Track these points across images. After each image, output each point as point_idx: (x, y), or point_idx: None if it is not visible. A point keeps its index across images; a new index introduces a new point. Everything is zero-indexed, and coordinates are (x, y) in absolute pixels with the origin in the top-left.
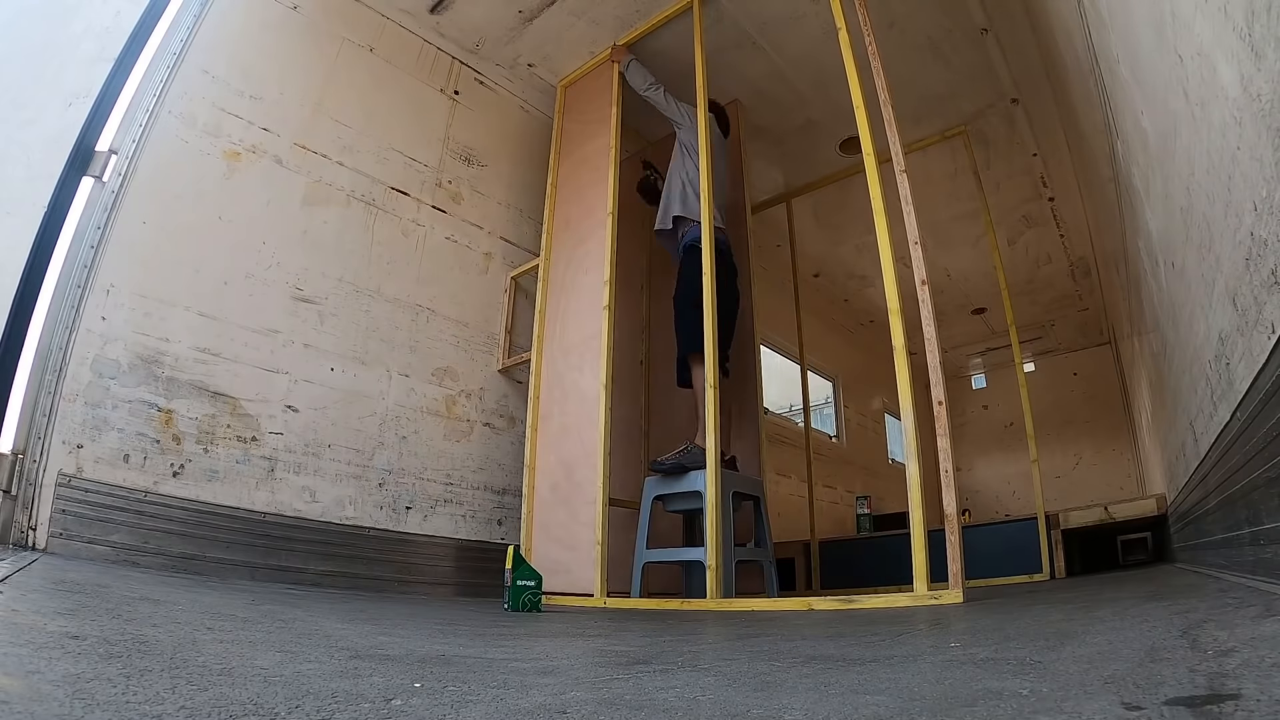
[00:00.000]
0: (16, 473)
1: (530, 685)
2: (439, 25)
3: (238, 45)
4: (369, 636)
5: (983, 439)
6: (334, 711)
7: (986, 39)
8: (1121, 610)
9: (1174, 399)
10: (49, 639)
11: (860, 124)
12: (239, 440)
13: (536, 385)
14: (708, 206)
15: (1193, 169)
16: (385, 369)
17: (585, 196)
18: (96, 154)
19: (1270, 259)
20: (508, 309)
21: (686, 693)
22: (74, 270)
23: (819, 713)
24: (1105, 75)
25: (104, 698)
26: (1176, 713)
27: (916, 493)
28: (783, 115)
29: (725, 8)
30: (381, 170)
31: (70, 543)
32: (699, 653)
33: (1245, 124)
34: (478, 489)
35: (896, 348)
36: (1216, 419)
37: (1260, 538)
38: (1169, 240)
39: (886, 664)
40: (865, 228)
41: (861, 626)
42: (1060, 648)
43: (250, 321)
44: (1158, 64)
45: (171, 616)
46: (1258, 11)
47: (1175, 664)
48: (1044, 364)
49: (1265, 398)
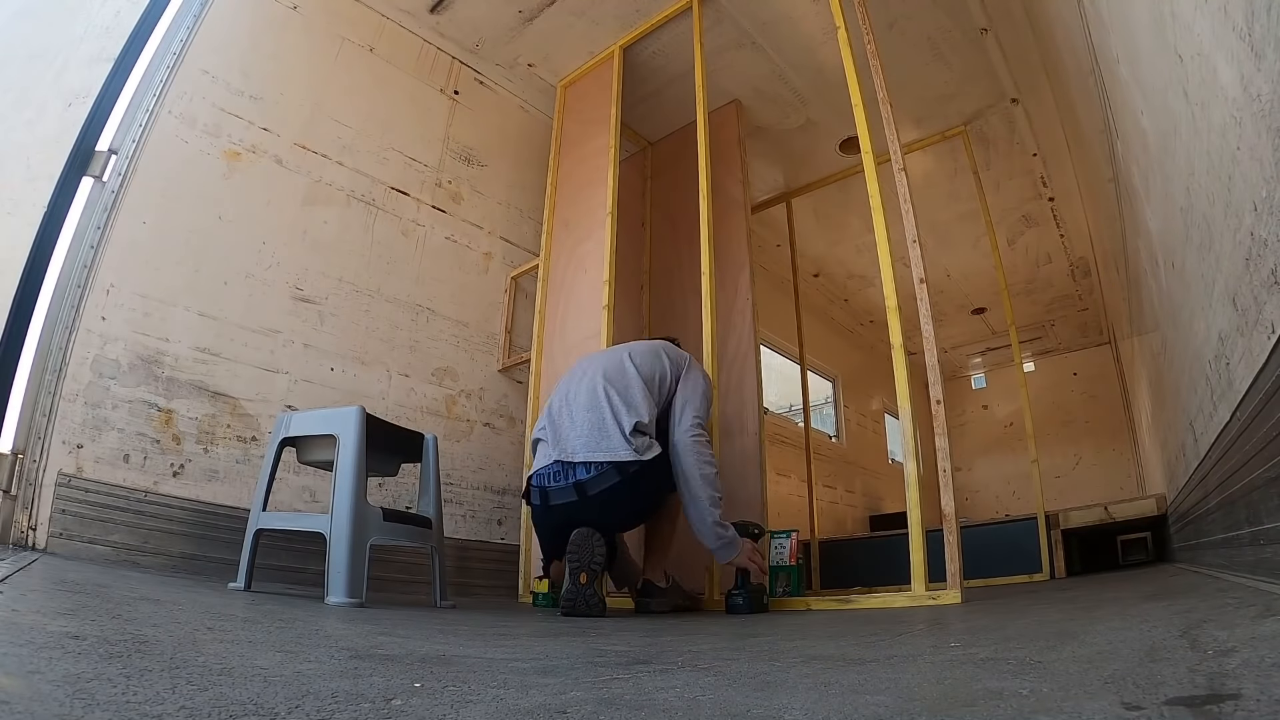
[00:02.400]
0: (16, 473)
1: (530, 685)
2: (439, 25)
3: (237, 45)
4: (369, 636)
5: (983, 439)
6: (334, 711)
7: (986, 39)
8: (1121, 610)
9: (1174, 399)
10: (49, 639)
11: (859, 124)
12: (239, 440)
13: (536, 385)
14: (707, 204)
15: (1193, 169)
16: (385, 369)
17: (585, 196)
18: (96, 154)
19: (1270, 259)
20: (508, 309)
21: (686, 692)
22: (74, 270)
23: (819, 712)
24: (1105, 75)
25: (104, 698)
26: (1176, 713)
27: (915, 492)
28: (783, 115)
29: (725, 8)
30: (381, 170)
31: (70, 543)
32: (699, 652)
33: (1245, 124)
34: (478, 489)
35: (895, 346)
36: (1216, 419)
37: (1260, 538)
38: (1169, 240)
39: (886, 664)
40: (865, 227)
41: (860, 626)
42: (1060, 648)
43: (250, 321)
44: (1158, 64)
45: (171, 616)
46: (1258, 11)
47: (1175, 664)
48: (1044, 364)
49: (1265, 398)
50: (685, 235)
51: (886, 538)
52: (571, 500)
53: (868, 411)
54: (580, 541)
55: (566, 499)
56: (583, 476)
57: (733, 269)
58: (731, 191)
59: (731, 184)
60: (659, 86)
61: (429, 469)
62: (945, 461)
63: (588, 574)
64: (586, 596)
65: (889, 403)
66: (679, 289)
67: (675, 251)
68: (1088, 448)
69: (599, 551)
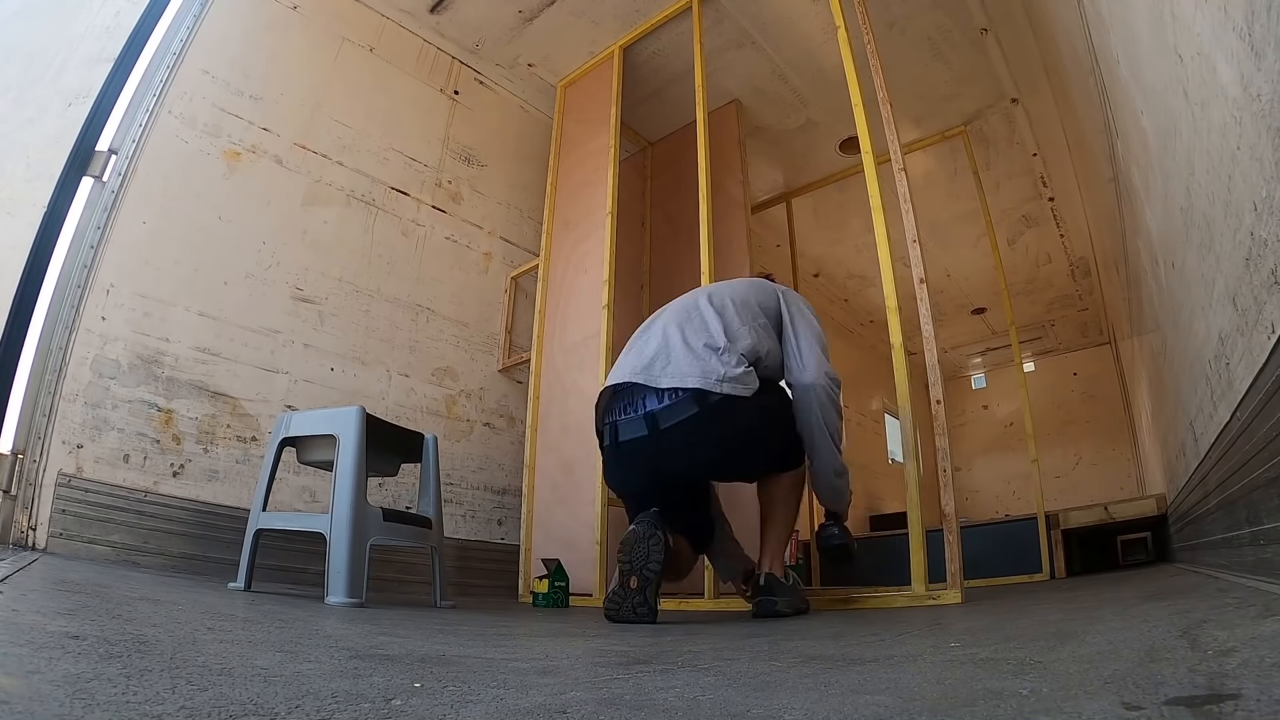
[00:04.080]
0: (16, 473)
1: (530, 685)
2: (439, 25)
3: (238, 45)
4: (369, 636)
5: (982, 439)
6: (334, 711)
7: (986, 39)
8: (1121, 610)
9: (1174, 399)
10: (49, 639)
11: (859, 124)
12: (239, 440)
13: (536, 385)
14: (707, 204)
15: (1193, 169)
16: (385, 369)
17: (585, 196)
18: (96, 154)
19: (1270, 259)
20: (508, 309)
21: (686, 692)
22: (74, 270)
23: (819, 712)
24: (1105, 75)
25: (104, 698)
26: (1176, 713)
27: (915, 492)
28: (783, 115)
29: (725, 8)
30: (381, 170)
31: (70, 543)
32: (699, 652)
33: (1245, 124)
34: (478, 489)
35: (895, 346)
36: (1216, 419)
37: (1260, 538)
38: (1169, 240)
39: (886, 664)
40: (865, 227)
41: (861, 626)
42: (1060, 648)
43: (250, 321)
44: (1158, 64)
45: (171, 616)
46: (1258, 11)
47: (1175, 664)
48: (1044, 364)
49: (1265, 398)
50: (685, 235)
51: (886, 538)
52: (641, 435)
53: (868, 411)
54: (635, 541)
55: (636, 433)
56: (654, 407)
57: (733, 269)
58: (731, 191)
59: (731, 184)
60: (659, 86)
61: (429, 469)
62: (945, 461)
63: (640, 579)
64: (635, 604)
65: (889, 403)
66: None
67: (675, 251)
68: (1088, 448)
69: (655, 555)
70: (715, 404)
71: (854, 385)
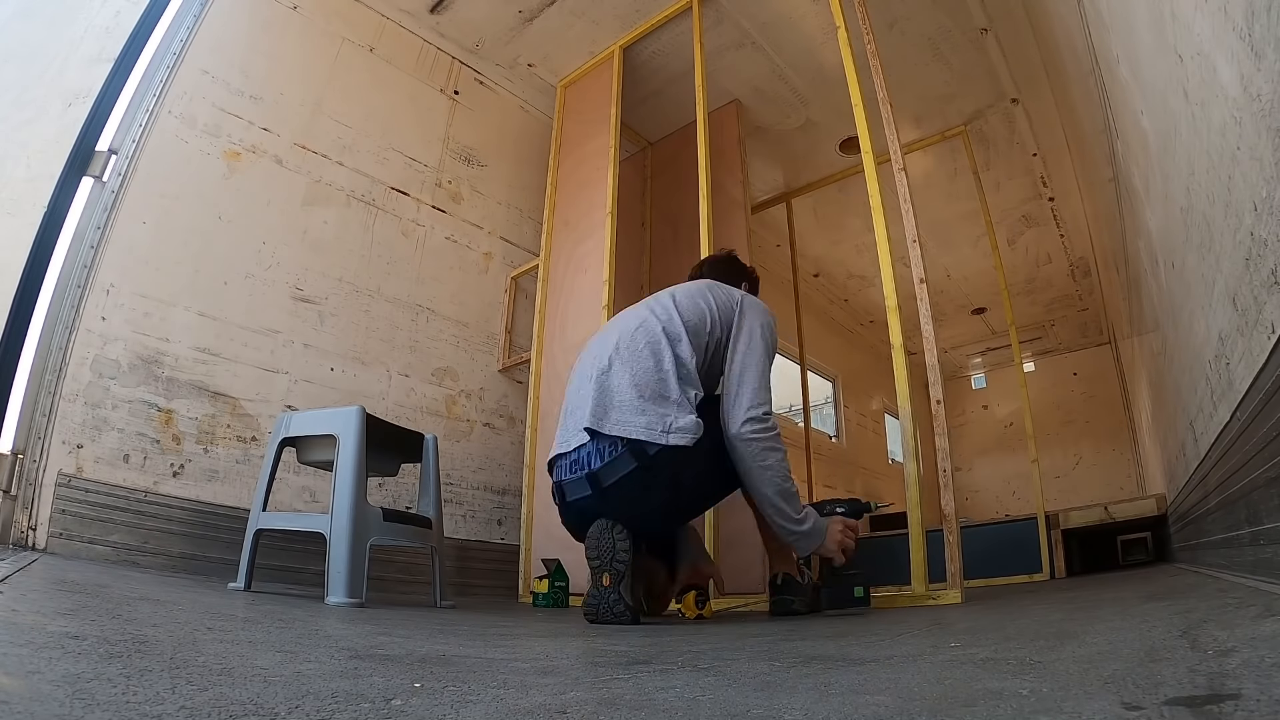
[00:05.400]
0: (16, 473)
1: (530, 685)
2: (439, 25)
3: (238, 45)
4: (369, 636)
5: (983, 439)
6: (334, 711)
7: (986, 39)
8: (1121, 610)
9: (1174, 399)
10: (49, 639)
11: (859, 124)
12: (239, 440)
13: (536, 385)
14: (707, 204)
15: (1193, 169)
16: (385, 369)
17: (585, 196)
18: (96, 154)
19: (1270, 259)
20: (508, 309)
21: (686, 693)
22: (74, 270)
23: (819, 712)
24: (1105, 75)
25: (104, 698)
26: (1176, 713)
27: (915, 492)
28: (783, 115)
29: (725, 8)
30: (381, 170)
31: (70, 543)
32: (699, 653)
33: (1245, 124)
34: (478, 489)
35: (895, 346)
36: (1216, 419)
37: (1260, 538)
38: (1169, 240)
39: (886, 664)
40: (865, 227)
41: (861, 626)
42: (1060, 648)
43: (250, 321)
44: (1158, 64)
45: (171, 616)
46: (1258, 11)
47: (1175, 664)
48: (1044, 364)
49: (1265, 398)
50: (685, 235)
51: (887, 538)
52: (585, 495)
53: (868, 411)
54: (598, 535)
55: (581, 493)
56: (595, 466)
57: None
58: (731, 191)
59: (731, 184)
60: (659, 86)
61: (429, 469)
62: (945, 461)
63: (611, 575)
64: (611, 602)
65: (889, 403)
66: None
67: (675, 251)
68: (1087, 448)
69: (622, 546)
70: (655, 455)
71: (854, 385)
